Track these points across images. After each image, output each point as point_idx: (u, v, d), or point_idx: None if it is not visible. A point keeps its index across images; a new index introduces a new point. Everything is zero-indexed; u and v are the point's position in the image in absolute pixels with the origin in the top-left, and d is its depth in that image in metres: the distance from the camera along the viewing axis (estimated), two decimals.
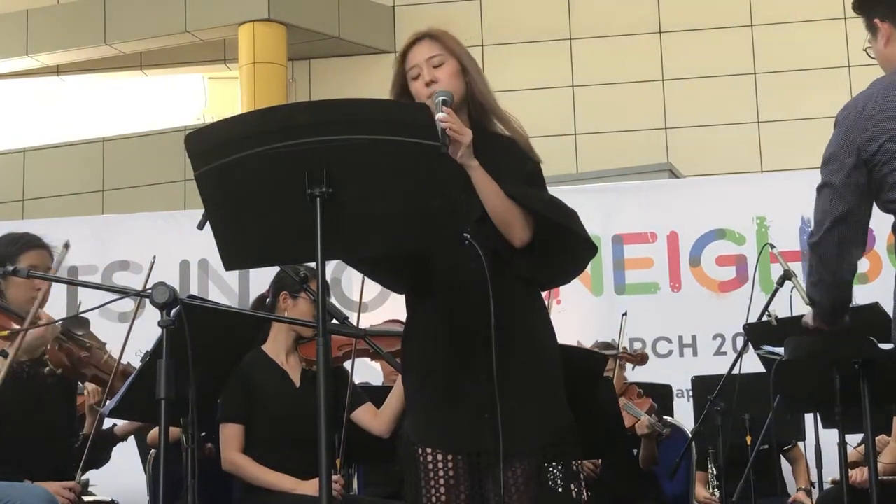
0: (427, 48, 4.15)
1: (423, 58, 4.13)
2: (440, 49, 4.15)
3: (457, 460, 4.01)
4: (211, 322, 4.16)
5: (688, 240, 8.98)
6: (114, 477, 6.35)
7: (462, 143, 3.94)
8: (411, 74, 4.15)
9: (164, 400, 3.68)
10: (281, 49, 16.17)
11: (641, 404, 6.92)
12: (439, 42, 4.16)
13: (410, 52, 4.18)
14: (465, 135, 3.96)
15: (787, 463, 7.66)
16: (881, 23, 4.40)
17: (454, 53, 4.15)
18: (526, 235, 4.03)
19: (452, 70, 4.13)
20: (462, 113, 4.12)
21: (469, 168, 3.99)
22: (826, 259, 4.35)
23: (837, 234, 4.30)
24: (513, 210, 4.01)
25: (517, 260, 4.04)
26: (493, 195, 4.00)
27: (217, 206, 3.45)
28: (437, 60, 4.13)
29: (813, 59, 15.43)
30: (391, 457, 5.68)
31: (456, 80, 4.12)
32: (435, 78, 4.09)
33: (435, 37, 4.18)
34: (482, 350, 3.92)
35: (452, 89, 4.08)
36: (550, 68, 15.95)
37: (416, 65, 4.14)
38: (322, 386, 3.30)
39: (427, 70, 4.11)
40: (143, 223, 9.57)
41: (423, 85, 4.11)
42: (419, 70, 4.13)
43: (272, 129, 3.31)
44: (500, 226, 4.01)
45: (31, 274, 4.37)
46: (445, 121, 3.90)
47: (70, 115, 18.32)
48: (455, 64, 4.14)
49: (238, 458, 5.50)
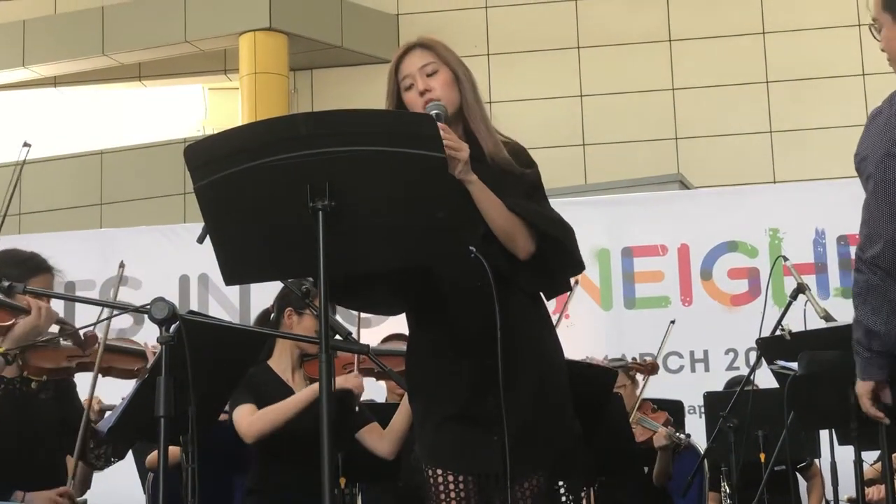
0: (419, 57, 4.11)
1: (416, 67, 4.09)
2: (433, 57, 4.11)
3: (467, 480, 3.99)
4: (211, 338, 4.09)
5: (699, 252, 8.94)
6: (113, 496, 6.28)
7: (459, 159, 3.89)
8: (404, 85, 4.11)
9: (163, 418, 3.66)
10: (282, 59, 16.16)
11: (657, 418, 6.89)
12: (431, 51, 4.13)
13: (402, 63, 4.13)
14: (462, 150, 3.91)
15: (804, 481, 7.57)
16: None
17: (447, 62, 4.12)
18: (531, 246, 4.00)
19: (446, 79, 4.09)
20: (457, 124, 4.09)
21: (468, 183, 3.94)
22: None
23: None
24: (515, 222, 3.98)
25: (521, 274, 4.01)
26: (493, 209, 3.97)
27: (217, 220, 3.42)
28: (430, 69, 4.09)
29: (826, 67, 15.38)
30: (395, 475, 5.65)
31: (450, 90, 4.09)
32: (429, 87, 4.06)
33: (427, 46, 4.15)
34: (488, 368, 3.88)
35: (446, 99, 4.05)
36: (558, 78, 15.91)
37: (409, 74, 4.10)
38: (325, 403, 3.26)
39: (420, 79, 4.07)
40: (142, 237, 9.49)
41: (416, 95, 4.07)
42: (412, 80, 4.08)
43: (273, 141, 3.28)
44: (503, 239, 3.97)
45: (29, 290, 4.31)
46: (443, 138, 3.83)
47: (68, 127, 18.32)
48: (448, 73, 4.10)
49: (254, 419, 5.37)
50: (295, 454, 5.31)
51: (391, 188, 3.32)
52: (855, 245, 8.40)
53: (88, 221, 15.83)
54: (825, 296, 8.35)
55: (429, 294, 4.03)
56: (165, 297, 3.73)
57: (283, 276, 4.48)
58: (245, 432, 5.38)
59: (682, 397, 7.84)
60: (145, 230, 9.95)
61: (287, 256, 3.44)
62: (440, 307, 4.03)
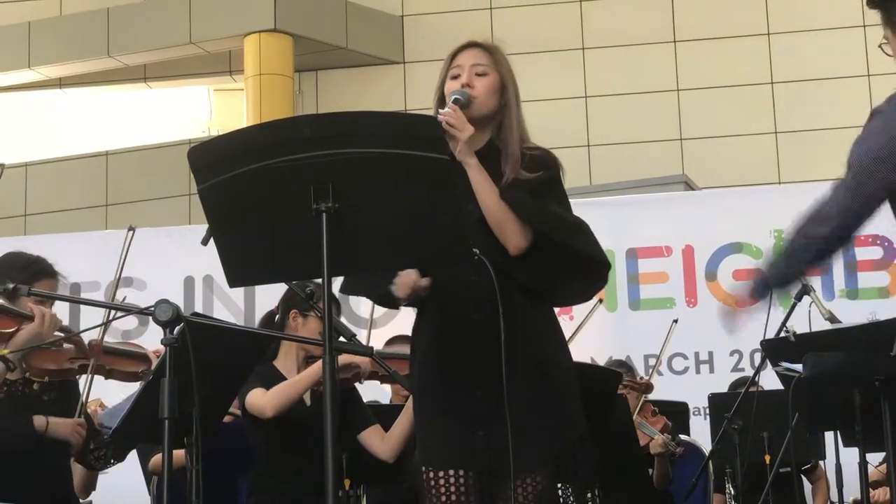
0: (475, 55, 4.20)
1: (469, 62, 4.17)
2: (488, 60, 4.19)
3: (468, 476, 4.01)
4: (215, 340, 4.11)
5: (704, 254, 8.91)
6: (117, 498, 6.28)
7: (459, 138, 3.97)
8: (452, 73, 4.19)
9: (167, 420, 3.65)
10: (287, 60, 16.11)
11: (655, 422, 6.90)
12: (489, 54, 4.21)
13: (459, 55, 4.22)
14: (463, 131, 3.98)
15: (809, 483, 7.55)
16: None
17: (500, 70, 4.19)
18: (521, 242, 4.02)
19: (492, 84, 4.16)
20: (484, 130, 4.13)
21: (467, 165, 4.02)
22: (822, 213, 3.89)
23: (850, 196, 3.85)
24: (507, 214, 4.01)
25: (517, 270, 4.03)
26: (487, 196, 4.02)
27: (221, 222, 3.44)
28: (480, 69, 4.17)
29: (831, 68, 15.33)
30: (399, 477, 5.65)
31: (490, 95, 4.16)
32: (472, 84, 4.13)
33: (487, 49, 4.24)
34: (485, 366, 3.92)
35: (484, 103, 4.12)
36: (563, 79, 15.87)
37: (460, 65, 4.18)
38: (328, 404, 3.27)
39: (468, 74, 4.14)
40: (147, 239, 9.47)
41: (458, 85, 4.13)
42: (460, 71, 4.17)
43: (276, 143, 3.29)
44: (494, 229, 4.01)
45: (33, 292, 4.32)
46: (446, 115, 3.96)
47: (73, 128, 18.29)
48: (497, 79, 4.17)
49: (269, 395, 5.36)
50: (298, 454, 5.32)
51: (394, 190, 3.33)
52: (860, 247, 8.38)
53: (94, 222, 15.80)
54: (830, 297, 8.33)
55: None
56: (170, 298, 3.75)
57: (287, 277, 4.50)
58: (264, 406, 5.33)
59: (686, 399, 7.83)
60: (150, 231, 9.93)
61: (291, 258, 3.44)
62: (437, 303, 4.07)
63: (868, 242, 8.54)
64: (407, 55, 16.49)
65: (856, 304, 8.37)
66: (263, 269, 3.53)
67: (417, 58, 16.14)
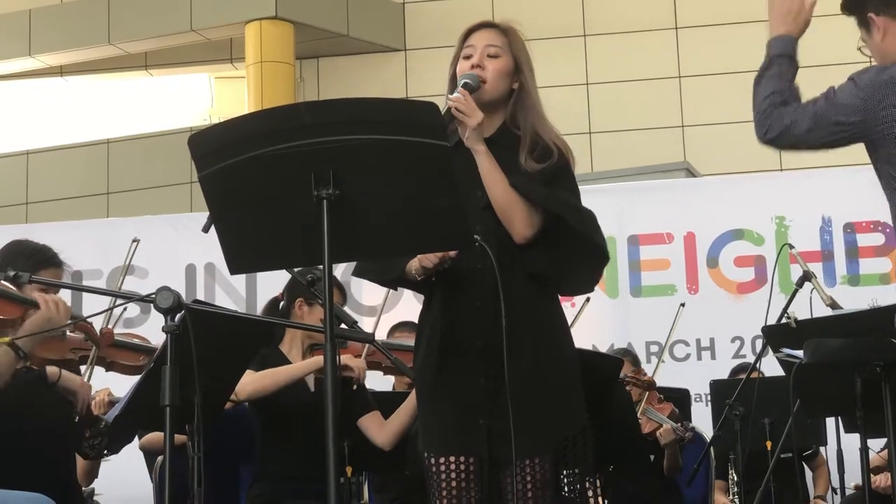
0: (490, 36, 4.16)
1: (482, 43, 4.13)
2: (502, 42, 4.15)
3: (470, 463, 4.01)
4: (216, 327, 4.12)
5: (705, 240, 8.89)
6: (120, 485, 6.29)
7: (468, 124, 3.94)
8: (464, 53, 4.15)
9: (168, 407, 3.66)
10: (289, 48, 16.09)
11: (663, 409, 6.84)
12: (504, 36, 4.17)
13: (473, 34, 4.18)
14: (472, 117, 3.94)
15: (811, 469, 7.56)
16: (876, 17, 4.38)
17: (514, 52, 4.15)
18: (526, 231, 4.01)
19: (504, 66, 4.12)
20: (497, 114, 4.11)
21: (475, 152, 4.00)
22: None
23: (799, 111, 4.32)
24: (515, 201, 3.99)
25: (526, 255, 4.02)
26: (495, 183, 4.00)
27: (221, 209, 3.43)
28: (493, 51, 4.12)
29: (832, 54, 15.28)
30: (401, 464, 5.65)
31: (503, 79, 4.12)
32: (483, 65, 4.09)
33: (502, 29, 4.20)
34: (488, 353, 3.94)
35: (495, 86, 4.08)
36: (564, 65, 15.82)
37: (473, 45, 4.14)
38: (329, 391, 3.28)
39: (479, 55, 4.10)
40: (149, 226, 9.46)
41: (469, 66, 4.09)
42: (473, 51, 4.12)
43: (277, 130, 3.29)
44: (501, 216, 4.00)
45: (34, 279, 4.32)
46: (455, 100, 3.92)
47: (74, 116, 18.28)
48: (510, 62, 4.13)
49: (247, 380, 5.23)
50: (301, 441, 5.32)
51: (395, 176, 3.33)
52: (861, 233, 8.41)
53: (95, 210, 15.79)
54: (831, 284, 8.33)
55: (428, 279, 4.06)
56: (172, 286, 3.76)
57: (288, 264, 4.50)
58: (239, 390, 5.24)
59: (688, 385, 7.80)
60: (152, 219, 9.93)
61: (292, 245, 3.44)
62: (440, 289, 4.07)
63: (870, 229, 8.55)
64: (408, 42, 16.47)
65: (857, 291, 8.37)
66: (265, 256, 3.53)
67: (419, 45, 16.13)
